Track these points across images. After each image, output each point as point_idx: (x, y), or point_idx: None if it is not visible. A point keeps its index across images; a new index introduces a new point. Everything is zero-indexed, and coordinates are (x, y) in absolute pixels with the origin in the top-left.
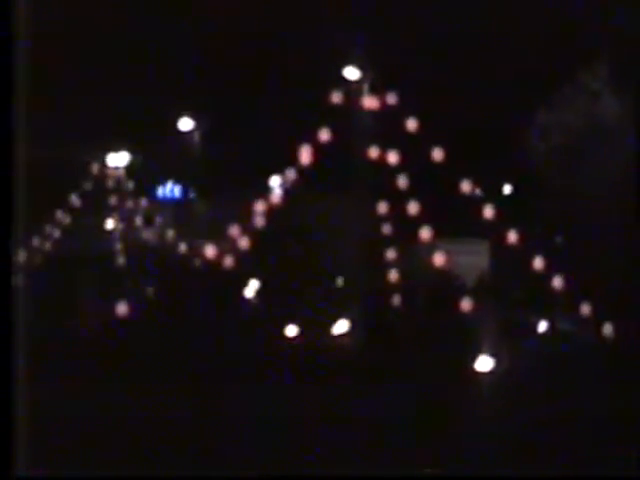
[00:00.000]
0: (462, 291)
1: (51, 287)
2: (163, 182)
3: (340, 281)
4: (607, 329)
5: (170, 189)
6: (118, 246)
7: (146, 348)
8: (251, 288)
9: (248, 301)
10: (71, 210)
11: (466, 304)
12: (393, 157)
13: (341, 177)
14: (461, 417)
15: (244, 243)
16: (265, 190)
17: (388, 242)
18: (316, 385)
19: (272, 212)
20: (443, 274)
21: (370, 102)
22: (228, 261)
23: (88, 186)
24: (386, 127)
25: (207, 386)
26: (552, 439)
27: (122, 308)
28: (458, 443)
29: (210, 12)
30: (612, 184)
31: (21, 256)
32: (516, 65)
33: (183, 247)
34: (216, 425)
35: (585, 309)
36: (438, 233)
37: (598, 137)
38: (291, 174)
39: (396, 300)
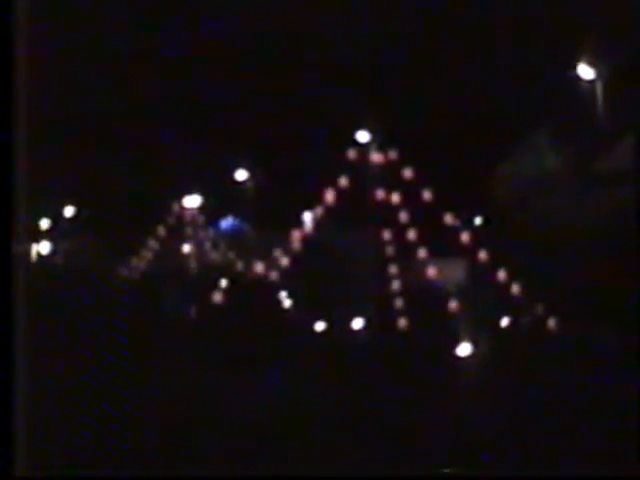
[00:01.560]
0: (446, 295)
1: (144, 295)
2: (225, 217)
3: (356, 289)
4: (551, 322)
5: (231, 222)
6: (192, 265)
7: (197, 340)
8: (289, 295)
9: (287, 305)
10: (158, 238)
11: (452, 305)
12: (395, 197)
13: (356, 212)
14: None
15: (284, 262)
16: (300, 223)
17: (392, 260)
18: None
19: (305, 239)
20: (433, 283)
21: (377, 157)
22: (272, 275)
23: (171, 220)
24: (389, 175)
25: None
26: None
27: (193, 311)
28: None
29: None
30: (558, 219)
31: (124, 271)
32: (482, 128)
33: (240, 265)
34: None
35: (537, 308)
36: (429, 253)
37: (545, 183)
38: (319, 210)
39: (398, 303)
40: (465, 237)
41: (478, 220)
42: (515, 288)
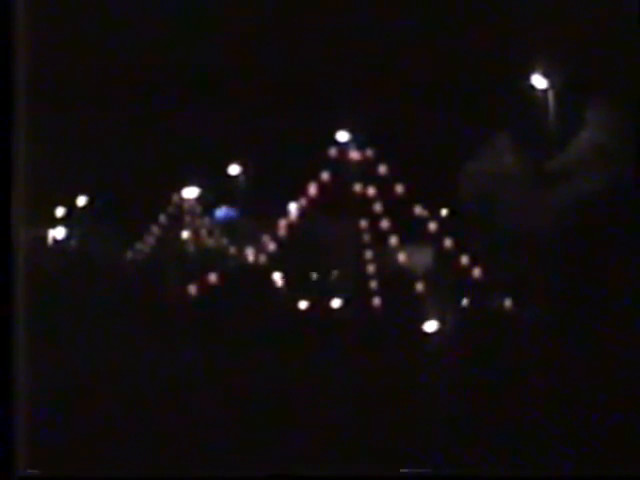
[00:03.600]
0: (415, 278)
1: (147, 276)
2: (219, 207)
3: (336, 272)
4: (507, 303)
5: (225, 211)
6: (191, 249)
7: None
8: (276, 277)
9: (274, 285)
10: (160, 225)
11: (418, 286)
12: (371, 191)
13: (336, 203)
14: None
15: (272, 247)
16: (286, 212)
17: (367, 246)
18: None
19: (291, 227)
20: (403, 266)
21: (355, 155)
22: (261, 259)
23: (171, 209)
24: (366, 171)
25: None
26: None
27: (192, 289)
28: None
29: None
30: (515, 211)
31: (129, 254)
32: (449, 131)
33: (232, 249)
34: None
35: (495, 290)
36: (400, 240)
37: (504, 180)
38: (303, 202)
39: (373, 284)
40: (432, 226)
41: (444, 211)
42: (476, 272)
